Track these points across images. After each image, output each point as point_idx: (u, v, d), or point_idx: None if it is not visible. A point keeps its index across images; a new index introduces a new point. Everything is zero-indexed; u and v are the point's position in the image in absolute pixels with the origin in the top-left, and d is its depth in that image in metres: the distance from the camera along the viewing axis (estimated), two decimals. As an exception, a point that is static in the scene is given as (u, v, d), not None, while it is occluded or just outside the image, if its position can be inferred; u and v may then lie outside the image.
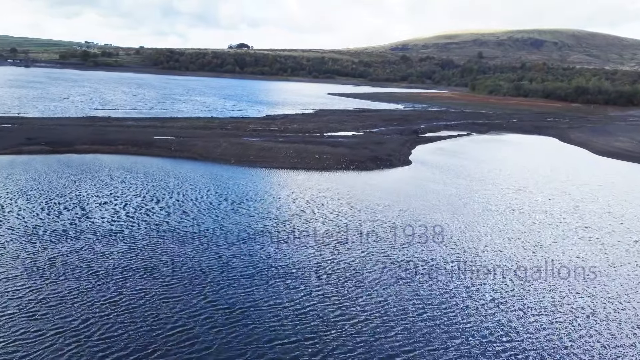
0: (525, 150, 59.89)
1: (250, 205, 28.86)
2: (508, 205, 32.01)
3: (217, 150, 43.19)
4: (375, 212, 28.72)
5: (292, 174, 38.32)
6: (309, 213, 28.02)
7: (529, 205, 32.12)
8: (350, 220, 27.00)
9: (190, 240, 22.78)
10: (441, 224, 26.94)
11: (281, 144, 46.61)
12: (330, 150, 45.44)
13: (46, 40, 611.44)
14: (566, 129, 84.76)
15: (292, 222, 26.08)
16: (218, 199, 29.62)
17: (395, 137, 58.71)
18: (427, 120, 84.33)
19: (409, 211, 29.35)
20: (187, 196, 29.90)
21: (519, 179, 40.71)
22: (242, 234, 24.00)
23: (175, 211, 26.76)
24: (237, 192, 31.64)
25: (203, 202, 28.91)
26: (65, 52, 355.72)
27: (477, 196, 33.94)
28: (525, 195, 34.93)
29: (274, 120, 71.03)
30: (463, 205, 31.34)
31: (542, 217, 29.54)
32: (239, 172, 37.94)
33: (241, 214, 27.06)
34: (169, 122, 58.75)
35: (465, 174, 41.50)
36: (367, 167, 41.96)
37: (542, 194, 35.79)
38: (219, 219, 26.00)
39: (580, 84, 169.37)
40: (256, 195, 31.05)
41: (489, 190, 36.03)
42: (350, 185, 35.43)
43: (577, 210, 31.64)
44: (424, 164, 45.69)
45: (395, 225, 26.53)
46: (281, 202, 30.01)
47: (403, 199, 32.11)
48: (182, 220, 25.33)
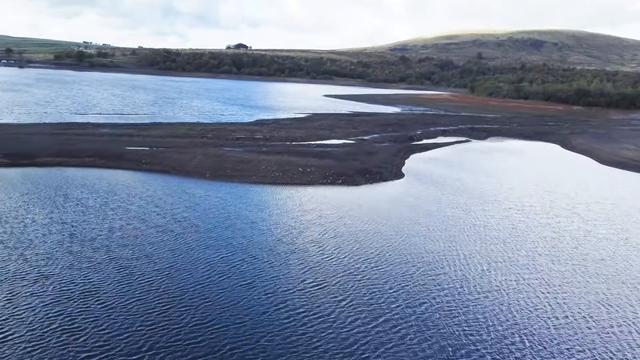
0: (526, 159, 56.41)
1: (217, 234, 25.30)
2: (511, 230, 28.48)
3: (191, 162, 39.69)
4: (358, 243, 25.21)
5: (272, 191, 34.84)
6: (284, 244, 24.51)
7: (534, 231, 28.59)
8: (329, 255, 23.49)
9: (139, 285, 19.28)
10: (434, 259, 23.44)
11: (263, 155, 43.11)
12: (316, 162, 41.95)
13: (44, 40, 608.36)
14: (568, 134, 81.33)
15: (262, 260, 22.56)
16: (183, 226, 26.08)
17: (389, 146, 55.22)
18: (424, 125, 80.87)
19: (396, 241, 25.82)
20: (148, 222, 26.36)
21: (522, 196, 37.20)
22: (204, 275, 20.52)
23: (129, 244, 23.18)
24: (206, 216, 28.10)
25: (165, 230, 25.35)
26: (61, 52, 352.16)
27: (475, 219, 30.43)
28: (530, 217, 31.41)
29: (263, 126, 67.55)
30: (460, 231, 27.81)
31: (549, 246, 26.00)
32: (213, 188, 34.44)
33: (206, 246, 23.52)
34: (148, 130, 55.26)
35: (463, 190, 38.01)
36: (355, 182, 38.49)
37: (548, 214, 32.27)
38: (181, 254, 22.44)
39: (581, 87, 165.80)
40: (227, 221, 27.50)
41: (489, 210, 32.53)
42: (335, 205, 31.92)
43: (589, 237, 28.08)
44: (418, 176, 42.21)
45: (380, 260, 23.02)
46: (254, 229, 26.48)
47: (391, 223, 28.60)
48: (133, 257, 21.77)
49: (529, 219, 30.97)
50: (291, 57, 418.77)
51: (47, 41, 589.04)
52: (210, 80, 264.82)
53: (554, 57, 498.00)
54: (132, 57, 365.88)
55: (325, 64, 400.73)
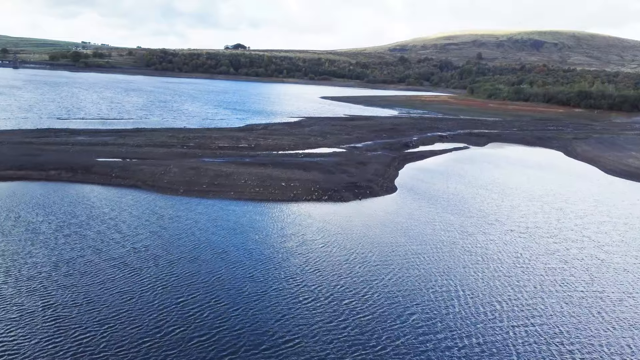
0: (528, 169, 53.19)
1: (179, 270, 22.11)
2: (515, 260, 25.23)
3: (165, 176, 36.49)
4: (339, 278, 22.01)
5: (249, 209, 31.65)
6: (255, 283, 21.32)
7: (541, 261, 25.36)
8: (305, 294, 20.31)
9: (73, 342, 16.08)
10: (426, 299, 20.27)
11: (244, 167, 39.90)
12: (301, 175, 38.75)
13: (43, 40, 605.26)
14: (571, 140, 78.16)
15: (227, 306, 19.38)
16: (142, 258, 22.89)
17: (382, 154, 52.02)
18: (421, 130, 77.65)
19: (383, 274, 22.64)
20: (103, 254, 23.15)
21: (526, 214, 33.97)
22: (156, 325, 17.34)
23: (72, 285, 19.93)
24: (170, 245, 24.88)
25: (120, 265, 22.13)
26: (56, 53, 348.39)
27: (474, 245, 27.22)
28: (535, 242, 28.17)
29: (251, 132, 64.36)
30: (456, 262, 24.61)
31: (559, 281, 22.78)
32: (185, 207, 31.26)
33: (163, 287, 20.34)
34: (128, 137, 52.05)
35: (460, 207, 34.81)
36: (342, 198, 35.30)
37: (556, 238, 29.03)
38: (131, 297, 19.25)
39: (583, 89, 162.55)
40: (193, 251, 24.30)
41: (490, 233, 29.33)
42: (317, 228, 28.72)
43: (603, 268, 24.81)
44: (412, 190, 39.02)
45: (364, 302, 19.83)
46: (222, 262, 23.28)
47: (378, 252, 25.39)
48: (72, 303, 18.58)
49: (534, 244, 27.75)
50: (289, 57, 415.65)
51: (45, 41, 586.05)
52: (207, 82, 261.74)
53: (554, 57, 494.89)
54: (129, 57, 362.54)
55: (324, 65, 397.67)
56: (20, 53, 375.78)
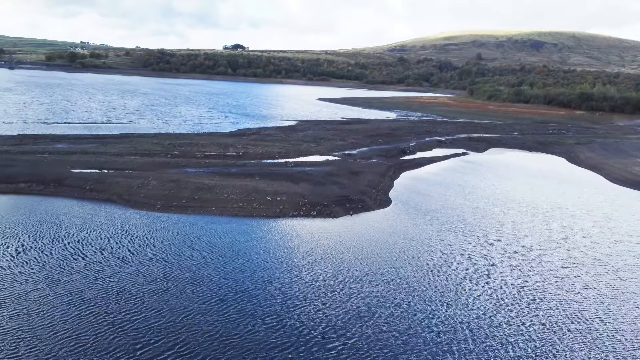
0: (531, 178, 50.73)
1: (146, 306, 19.70)
2: (520, 290, 22.71)
3: (142, 190, 34.03)
4: (324, 316, 19.57)
5: (231, 228, 29.22)
6: (228, 323, 18.90)
7: (549, 291, 22.84)
8: (283, 337, 17.87)
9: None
10: (421, 342, 17.80)
11: (229, 179, 37.43)
12: (289, 188, 36.29)
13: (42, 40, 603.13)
14: (574, 145, 75.71)
15: (194, 348, 16.95)
16: (105, 293, 20.48)
17: (377, 163, 49.59)
18: (419, 135, 75.21)
19: (374, 311, 20.20)
20: (62, 287, 20.73)
21: (530, 232, 31.48)
22: None
23: (22, 327, 17.54)
24: (139, 274, 22.45)
25: (81, 300, 19.74)
26: (52, 53, 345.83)
27: (474, 271, 24.78)
28: (542, 267, 25.66)
29: (242, 137, 61.93)
30: (456, 294, 22.15)
31: (571, 317, 20.29)
32: (162, 225, 28.83)
33: (123, 330, 17.90)
34: (111, 144, 49.60)
35: (459, 224, 32.35)
36: (332, 213, 32.87)
37: (565, 262, 26.50)
38: (89, 345, 16.82)
39: (584, 90, 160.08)
40: (164, 282, 21.89)
41: (492, 256, 26.86)
42: (303, 251, 26.28)
43: (620, 299, 22.28)
44: (407, 204, 36.57)
45: (350, 349, 17.39)
46: (194, 294, 20.86)
47: (369, 279, 22.96)
48: (19, 352, 16.16)
49: (540, 269, 25.27)
50: (288, 58, 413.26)
51: (44, 41, 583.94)
52: (204, 82, 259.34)
53: (554, 58, 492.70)
54: (126, 58, 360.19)
55: (322, 65, 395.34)
56: (18, 53, 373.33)
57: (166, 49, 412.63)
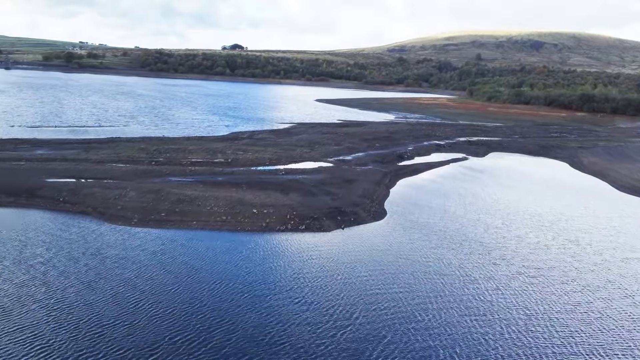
0: (533, 185, 48.48)
1: (107, 346, 17.46)
2: (527, 320, 20.43)
3: (119, 202, 31.77)
4: (303, 356, 17.34)
5: (212, 244, 26.99)
6: (188, 358, 16.66)
7: (561, 322, 20.54)
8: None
9: None
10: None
11: (213, 189, 35.15)
12: (278, 199, 34.03)
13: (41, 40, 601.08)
14: (577, 149, 73.53)
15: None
16: (62, 329, 18.26)
17: (373, 169, 47.36)
18: (417, 138, 72.97)
19: (364, 347, 17.96)
20: (13, 321, 18.54)
21: (536, 249, 29.17)
22: None
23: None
24: (106, 306, 20.25)
25: (32, 335, 17.53)
26: (49, 53, 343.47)
27: (478, 296, 22.54)
28: (551, 293, 23.31)
29: (233, 142, 59.66)
30: (456, 326, 19.91)
31: (586, 354, 18.11)
32: (137, 242, 26.59)
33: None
34: (93, 150, 47.32)
35: (459, 239, 30.09)
36: (322, 227, 30.64)
37: (575, 285, 24.16)
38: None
39: (585, 92, 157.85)
40: (132, 315, 19.67)
41: (495, 277, 24.61)
42: (288, 273, 24.04)
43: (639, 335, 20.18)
44: (403, 216, 34.33)
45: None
46: (159, 331, 18.62)
47: (360, 308, 20.71)
48: None
49: (549, 294, 22.98)
50: (286, 58, 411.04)
51: (42, 41, 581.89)
52: (202, 83, 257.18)
53: (554, 58, 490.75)
54: (123, 58, 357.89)
55: (321, 66, 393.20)
56: (15, 53, 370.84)
57: (165, 49, 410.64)
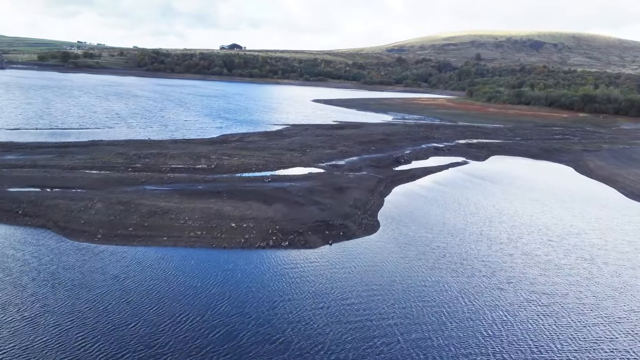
0: (538, 193, 45.46)
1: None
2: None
3: (84, 215, 28.72)
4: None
5: (182, 264, 23.97)
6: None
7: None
8: None
9: None
10: None
11: (190, 200, 32.09)
12: (260, 210, 30.99)
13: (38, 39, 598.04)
14: (581, 152, 70.57)
15: None
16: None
17: (367, 175, 44.35)
18: (415, 141, 70.00)
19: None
20: None
21: (546, 269, 26.17)
22: None
23: None
24: (49, 343, 17.23)
25: None
26: (45, 53, 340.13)
27: (482, 331, 19.54)
28: (566, 325, 20.39)
29: (222, 144, 56.65)
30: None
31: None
32: (98, 263, 23.57)
33: None
34: (68, 155, 44.29)
35: (460, 258, 27.08)
36: (306, 243, 27.64)
37: (593, 315, 21.19)
38: None
39: (587, 92, 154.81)
40: (80, 352, 16.64)
41: (501, 305, 21.63)
42: (265, 299, 21.02)
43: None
44: (398, 229, 31.32)
45: None
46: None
47: (346, 350, 17.68)
48: None
49: (565, 326, 19.97)
50: (284, 58, 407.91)
51: (41, 41, 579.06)
52: (199, 83, 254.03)
53: (553, 58, 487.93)
54: (120, 58, 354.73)
55: (320, 66, 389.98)
56: (11, 53, 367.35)
57: (162, 49, 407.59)
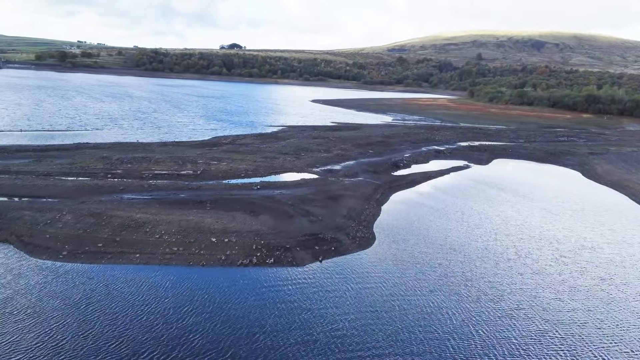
0: (545, 199, 42.87)
1: None
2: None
3: (50, 228, 26.14)
4: None
5: (153, 286, 21.39)
6: None
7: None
8: None
9: None
10: None
11: (168, 210, 29.48)
12: (245, 222, 28.39)
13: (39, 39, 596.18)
14: (587, 155, 67.94)
15: None
16: None
17: (363, 181, 41.75)
18: (415, 144, 67.38)
19: None
20: None
21: (560, 291, 23.60)
22: None
23: None
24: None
25: None
26: (43, 52, 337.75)
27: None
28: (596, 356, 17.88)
29: (212, 148, 54.06)
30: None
31: None
32: (59, 288, 21.03)
33: None
34: (46, 159, 41.70)
35: (463, 277, 24.48)
36: (294, 260, 25.05)
37: (624, 351, 18.69)
38: None
39: (591, 92, 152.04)
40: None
41: (514, 337, 19.05)
42: (241, 329, 18.43)
43: None
44: (395, 242, 28.73)
45: None
46: None
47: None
48: None
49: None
50: (284, 57, 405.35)
51: (41, 40, 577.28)
52: (197, 83, 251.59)
53: (555, 58, 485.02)
54: (118, 57, 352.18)
55: (319, 65, 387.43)
56: (9, 52, 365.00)
57: (161, 49, 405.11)
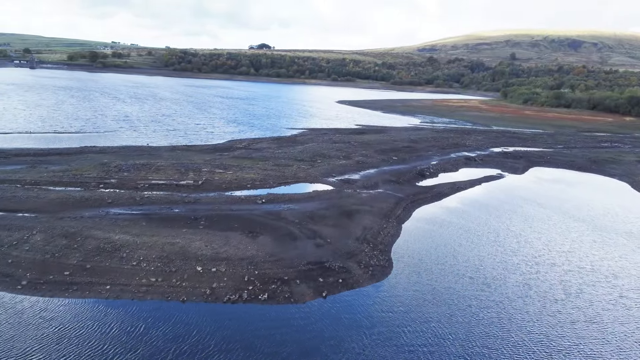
0: (593, 219, 37.53)
1: None
2: None
3: (13, 251, 22.71)
4: None
5: (121, 331, 17.58)
6: None
7: None
8: None
9: None
10: None
11: (155, 230, 25.72)
12: (239, 246, 24.39)
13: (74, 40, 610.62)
14: (635, 163, 61.65)
15: None
16: None
17: (384, 194, 37.30)
18: (443, 149, 62.38)
19: None
20: None
21: (620, 348, 18.86)
22: None
23: None
24: None
25: None
26: (75, 53, 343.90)
27: None
28: None
29: (223, 153, 50.52)
30: None
31: None
32: (9, 332, 17.43)
33: None
34: (40, 165, 38.82)
35: (499, 326, 19.89)
36: (291, 295, 20.92)
37: None
38: None
39: (634, 94, 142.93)
40: None
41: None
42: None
43: None
44: (416, 273, 24.25)
45: None
46: None
47: None
48: None
49: None
50: (312, 58, 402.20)
51: (76, 41, 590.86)
52: (225, 83, 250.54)
53: (593, 58, 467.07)
54: (148, 57, 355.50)
55: (348, 65, 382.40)
56: (44, 53, 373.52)
57: (190, 49, 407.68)
